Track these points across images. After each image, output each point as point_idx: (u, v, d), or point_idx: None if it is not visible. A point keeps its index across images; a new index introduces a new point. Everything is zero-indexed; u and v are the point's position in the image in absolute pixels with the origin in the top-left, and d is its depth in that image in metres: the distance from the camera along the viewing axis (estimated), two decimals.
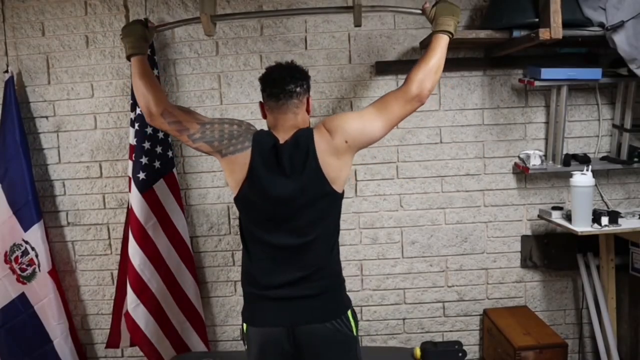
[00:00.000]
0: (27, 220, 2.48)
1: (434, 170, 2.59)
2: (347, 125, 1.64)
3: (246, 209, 1.70)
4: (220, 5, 2.49)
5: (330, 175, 1.62)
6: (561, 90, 2.34)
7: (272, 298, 1.66)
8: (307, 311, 1.64)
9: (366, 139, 1.67)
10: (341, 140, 1.62)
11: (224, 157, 1.67)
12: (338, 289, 1.73)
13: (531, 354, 2.23)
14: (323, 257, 1.68)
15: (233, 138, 1.66)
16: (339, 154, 1.63)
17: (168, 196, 2.50)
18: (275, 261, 1.66)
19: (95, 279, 2.71)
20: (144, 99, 1.75)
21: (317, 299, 1.65)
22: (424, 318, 2.69)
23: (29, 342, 2.54)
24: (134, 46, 1.82)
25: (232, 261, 2.68)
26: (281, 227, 1.64)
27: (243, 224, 1.73)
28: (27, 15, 2.55)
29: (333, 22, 2.52)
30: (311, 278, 1.65)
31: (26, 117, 2.58)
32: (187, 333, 2.58)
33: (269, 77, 1.69)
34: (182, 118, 1.72)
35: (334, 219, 1.72)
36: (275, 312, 1.65)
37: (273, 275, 1.65)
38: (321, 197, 1.64)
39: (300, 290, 1.64)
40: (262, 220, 1.67)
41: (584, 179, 2.15)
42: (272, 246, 1.66)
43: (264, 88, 1.70)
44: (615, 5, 2.07)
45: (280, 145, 1.63)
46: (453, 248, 2.64)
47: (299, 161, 1.61)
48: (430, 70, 1.66)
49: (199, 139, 1.69)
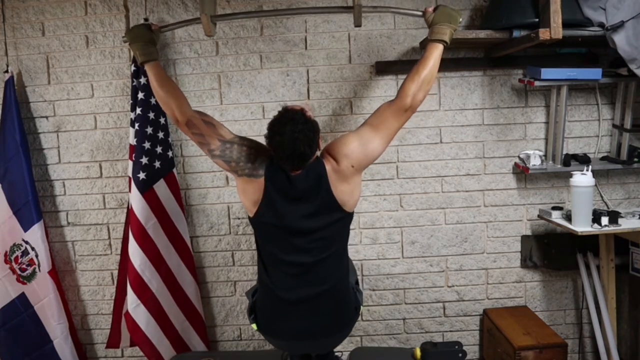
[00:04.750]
0: (27, 220, 2.49)
1: (434, 170, 2.59)
2: (349, 150, 1.69)
3: (261, 230, 1.77)
4: (220, 5, 2.49)
5: (342, 200, 1.69)
6: (561, 90, 2.34)
7: (289, 312, 1.74)
8: (323, 326, 1.75)
9: (370, 159, 1.74)
10: (347, 166, 1.68)
11: (239, 177, 1.73)
12: (351, 301, 1.82)
13: (531, 354, 2.23)
14: (336, 272, 1.76)
15: (250, 162, 1.71)
16: (348, 178, 1.69)
17: (168, 196, 2.50)
18: (289, 276, 1.73)
19: (95, 279, 2.71)
20: (168, 108, 1.81)
21: (332, 316, 1.76)
22: (423, 318, 2.69)
23: (29, 342, 2.54)
24: (144, 52, 1.84)
25: (232, 261, 2.68)
26: (295, 247, 1.70)
27: (258, 241, 1.80)
28: (27, 15, 2.55)
29: (333, 22, 2.52)
30: (326, 295, 1.73)
31: (26, 117, 2.58)
32: (187, 333, 2.58)
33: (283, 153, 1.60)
34: (205, 132, 1.75)
35: (346, 236, 1.81)
36: (293, 327, 1.74)
37: (290, 292, 1.72)
38: (334, 221, 1.70)
39: (316, 307, 1.73)
40: (276, 241, 1.72)
41: (584, 179, 2.16)
42: (287, 263, 1.72)
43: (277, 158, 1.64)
44: (615, 5, 2.07)
45: (293, 177, 1.67)
46: (453, 248, 2.64)
47: (313, 189, 1.67)
48: (422, 81, 1.71)
49: (218, 156, 1.74)
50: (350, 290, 1.82)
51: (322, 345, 1.86)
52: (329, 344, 1.88)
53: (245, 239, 2.65)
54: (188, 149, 2.61)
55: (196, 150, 2.60)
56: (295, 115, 1.61)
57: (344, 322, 1.82)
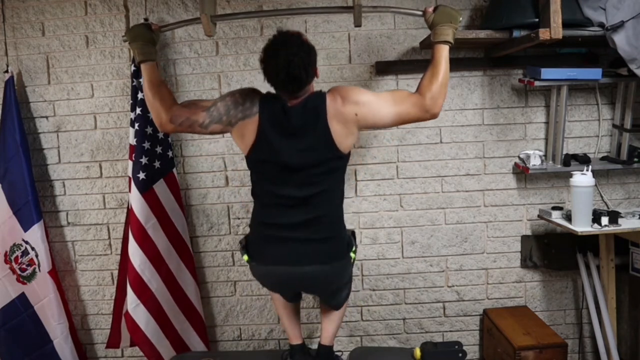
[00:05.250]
0: (27, 220, 2.49)
1: (434, 170, 2.59)
2: (362, 100, 1.68)
3: (256, 167, 1.78)
4: (220, 5, 2.49)
5: (336, 139, 1.68)
6: (561, 90, 2.34)
7: (279, 238, 1.76)
8: (311, 253, 1.75)
9: (374, 120, 1.71)
10: (351, 111, 1.67)
11: (234, 126, 1.72)
12: (341, 235, 1.84)
13: (531, 354, 2.23)
14: (328, 206, 1.78)
15: (239, 105, 1.71)
16: (347, 122, 1.68)
17: (168, 196, 2.50)
18: (282, 207, 1.75)
19: (95, 279, 2.71)
20: (155, 111, 1.80)
21: (321, 243, 1.76)
22: (423, 318, 2.69)
23: (29, 342, 2.54)
24: (143, 52, 1.84)
25: (232, 261, 2.68)
26: (289, 182, 1.72)
27: (253, 179, 1.82)
28: (27, 15, 2.55)
29: (333, 22, 2.52)
30: (316, 222, 1.74)
31: (26, 117, 2.58)
32: (187, 333, 2.58)
33: (277, 77, 1.61)
34: (188, 114, 1.76)
35: (340, 174, 1.81)
36: (285, 253, 1.76)
37: (280, 218, 1.75)
38: (328, 158, 1.71)
39: (306, 233, 1.75)
40: (271, 176, 1.75)
41: (584, 179, 2.15)
42: (281, 197, 1.74)
43: (272, 84, 1.67)
44: (615, 5, 2.07)
45: (289, 108, 1.67)
46: (453, 248, 2.64)
47: (309, 123, 1.67)
48: (440, 84, 1.71)
49: (209, 123, 1.74)
50: (342, 222, 1.85)
51: (313, 278, 1.81)
52: (320, 278, 1.82)
53: None
54: (188, 149, 2.61)
55: (196, 150, 2.60)
56: (290, 38, 1.59)
57: (335, 251, 1.81)
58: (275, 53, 1.59)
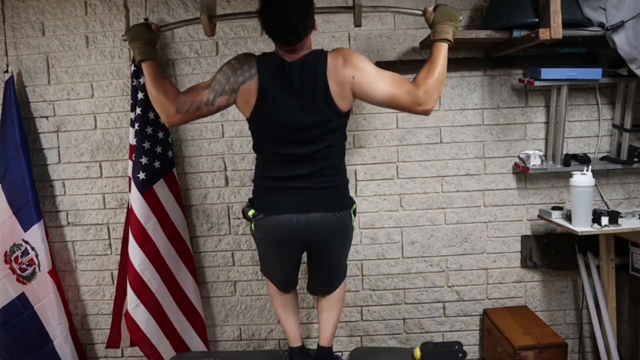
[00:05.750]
0: (27, 220, 2.48)
1: (434, 170, 2.59)
2: (362, 65, 1.71)
3: (259, 128, 1.80)
4: (220, 5, 2.49)
5: (334, 98, 1.70)
6: (561, 90, 2.34)
7: (286, 188, 1.79)
8: (318, 201, 1.80)
9: (367, 90, 1.72)
10: (349, 74, 1.69)
11: (238, 92, 1.73)
12: (344, 187, 1.91)
13: (531, 354, 2.23)
14: (331, 160, 1.81)
15: (237, 70, 1.72)
16: (343, 84, 1.70)
17: (168, 196, 2.50)
18: (287, 163, 1.79)
19: (95, 279, 2.71)
20: (160, 105, 1.80)
21: (327, 191, 1.82)
22: (423, 318, 2.69)
23: (29, 342, 2.54)
24: (142, 51, 1.84)
25: (232, 261, 2.68)
26: (292, 140, 1.75)
27: (256, 139, 1.84)
28: (27, 15, 2.55)
29: (333, 22, 2.52)
30: (321, 173, 1.79)
31: (26, 117, 2.58)
32: (187, 333, 2.58)
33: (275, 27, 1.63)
34: (192, 97, 1.77)
35: (342, 131, 1.83)
36: (290, 202, 1.80)
37: (284, 172, 1.79)
38: (329, 117, 1.73)
39: (312, 182, 1.78)
40: (274, 137, 1.77)
41: (584, 179, 2.15)
42: (285, 155, 1.77)
43: (270, 35, 1.68)
44: (615, 5, 2.07)
45: (288, 64, 1.69)
46: (453, 248, 2.64)
47: (308, 79, 1.68)
48: (436, 80, 1.72)
49: (214, 97, 1.75)
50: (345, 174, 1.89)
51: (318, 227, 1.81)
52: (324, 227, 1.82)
53: (245, 239, 2.65)
54: (188, 149, 2.61)
55: (196, 150, 2.60)
56: None
57: (339, 199, 1.86)
58: (273, 2, 1.62)
